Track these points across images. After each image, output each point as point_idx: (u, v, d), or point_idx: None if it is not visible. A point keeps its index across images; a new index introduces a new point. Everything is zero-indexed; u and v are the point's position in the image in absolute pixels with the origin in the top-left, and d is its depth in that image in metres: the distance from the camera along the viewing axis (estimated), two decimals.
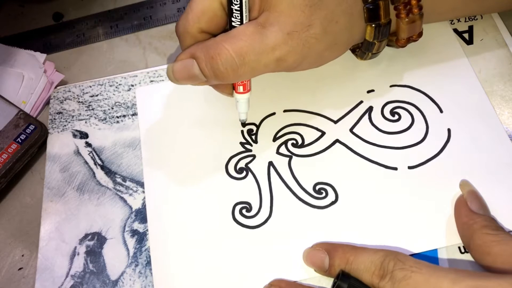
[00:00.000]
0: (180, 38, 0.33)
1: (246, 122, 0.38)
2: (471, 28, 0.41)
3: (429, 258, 0.32)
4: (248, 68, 0.31)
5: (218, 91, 0.36)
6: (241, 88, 0.35)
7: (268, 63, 0.31)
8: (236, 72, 0.31)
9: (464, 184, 0.33)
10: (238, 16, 0.31)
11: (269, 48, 0.30)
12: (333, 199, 0.35)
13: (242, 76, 0.31)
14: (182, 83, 0.33)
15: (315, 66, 0.35)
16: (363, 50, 0.36)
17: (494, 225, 0.30)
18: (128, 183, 0.38)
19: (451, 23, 0.41)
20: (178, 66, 0.32)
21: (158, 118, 0.40)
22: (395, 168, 0.35)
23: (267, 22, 0.30)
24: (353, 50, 0.38)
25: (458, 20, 0.41)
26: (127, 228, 0.36)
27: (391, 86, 0.39)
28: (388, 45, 0.37)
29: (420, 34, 0.36)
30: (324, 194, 0.35)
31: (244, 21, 0.31)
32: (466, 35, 0.40)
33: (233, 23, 0.31)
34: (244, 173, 0.37)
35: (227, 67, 0.30)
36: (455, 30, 0.41)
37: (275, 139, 0.38)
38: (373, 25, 0.33)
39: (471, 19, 0.41)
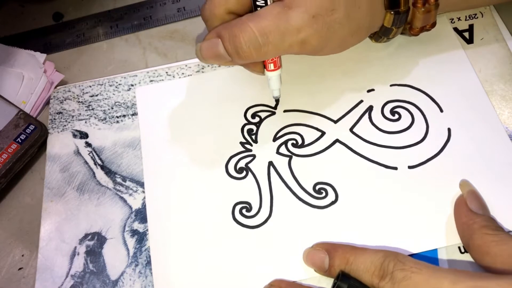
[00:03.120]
0: (207, 22, 0.34)
1: (279, 100, 0.38)
2: (471, 27, 0.41)
3: (429, 258, 0.32)
4: (271, 47, 0.31)
5: (249, 70, 0.36)
6: (271, 66, 0.34)
7: (293, 44, 0.31)
8: (259, 51, 0.31)
9: (464, 184, 0.33)
10: None
11: (294, 29, 0.31)
12: (333, 199, 0.35)
13: (265, 55, 0.32)
14: (209, 62, 0.33)
15: (338, 51, 0.35)
16: (379, 34, 0.37)
17: (494, 225, 0.29)
18: (128, 183, 0.38)
19: (451, 21, 0.41)
20: (205, 45, 0.32)
21: (158, 118, 0.40)
22: (395, 168, 0.35)
23: (293, 4, 0.31)
24: (370, 37, 0.39)
25: (459, 19, 0.41)
26: (127, 228, 0.36)
27: (391, 85, 0.39)
28: (401, 34, 0.37)
29: (433, 24, 0.36)
30: (324, 194, 0.35)
31: (269, 2, 0.32)
32: (466, 34, 0.40)
33: (257, 3, 0.32)
34: (244, 173, 0.37)
35: (250, 46, 0.31)
36: (456, 29, 0.41)
37: (275, 139, 0.38)
38: (392, 12, 0.34)
39: (471, 18, 0.41)
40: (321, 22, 0.31)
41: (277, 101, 0.39)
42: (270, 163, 0.37)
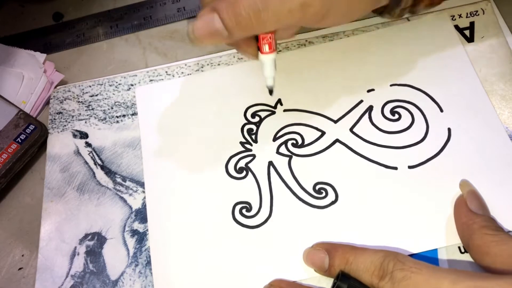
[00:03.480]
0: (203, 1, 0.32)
1: (273, 90, 0.36)
2: (472, 24, 0.40)
3: (429, 258, 0.32)
4: (271, 13, 0.29)
5: (242, 52, 0.34)
6: (266, 48, 0.32)
7: (292, 7, 0.29)
8: (258, 17, 0.29)
9: (464, 184, 0.33)
10: None
11: None
12: (333, 199, 0.35)
13: (265, 23, 0.30)
14: (203, 42, 0.31)
15: (344, 20, 0.33)
16: (391, 5, 0.35)
17: (494, 225, 0.29)
18: (128, 183, 0.38)
19: (452, 18, 0.41)
20: (198, 23, 0.30)
21: (158, 117, 0.40)
22: (395, 168, 0.35)
23: None
24: (380, 13, 0.37)
25: (460, 16, 0.41)
26: (127, 228, 0.36)
27: (391, 85, 0.39)
28: (412, 12, 0.36)
29: None
30: (324, 194, 0.35)
31: None
32: (467, 32, 0.40)
33: None
34: (244, 173, 0.37)
35: (250, 12, 0.29)
36: (456, 27, 0.40)
37: (275, 139, 0.38)
38: None
39: (472, 15, 0.41)
40: None
41: (271, 91, 0.36)
42: (270, 163, 0.37)
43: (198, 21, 0.30)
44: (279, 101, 0.39)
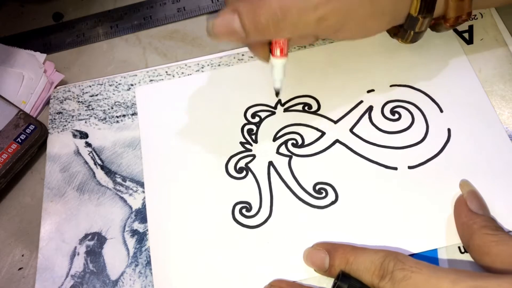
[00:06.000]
0: None
1: (279, 92, 0.36)
2: (471, 28, 0.41)
3: (429, 258, 0.32)
4: (289, 23, 0.31)
5: (254, 53, 0.35)
6: (278, 52, 0.33)
7: (309, 20, 0.31)
8: (277, 26, 0.31)
9: (464, 184, 0.33)
10: None
11: (312, 5, 0.30)
12: (333, 199, 0.35)
13: (282, 31, 0.31)
14: (220, 39, 0.32)
15: (358, 35, 0.34)
16: (405, 27, 0.35)
17: (494, 225, 0.29)
18: (128, 183, 0.38)
19: None
20: (219, 21, 0.32)
21: (158, 117, 0.40)
22: (395, 168, 0.35)
23: None
24: (395, 34, 0.38)
25: None
26: (127, 228, 0.36)
27: (391, 85, 0.39)
28: (436, 30, 0.37)
29: (469, 14, 0.34)
30: (324, 194, 0.35)
31: None
32: (466, 35, 0.40)
33: None
34: (244, 172, 0.37)
35: (269, 20, 0.30)
36: (455, 30, 0.41)
37: (275, 139, 0.38)
38: None
39: (471, 19, 0.41)
40: (340, 0, 0.30)
41: (277, 93, 0.37)
42: (270, 163, 0.37)
43: (219, 18, 0.32)
44: (279, 102, 0.39)
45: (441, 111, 0.37)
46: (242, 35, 0.31)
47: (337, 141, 0.37)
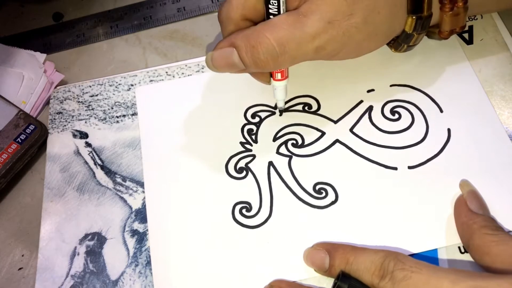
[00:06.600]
0: (222, 25, 0.33)
1: (283, 110, 0.39)
2: (471, 28, 0.41)
3: (429, 258, 0.32)
4: (288, 56, 0.31)
5: (256, 79, 0.36)
6: (279, 76, 0.35)
7: (307, 51, 0.31)
8: (276, 60, 0.31)
9: (464, 184, 0.33)
10: (275, 3, 0.31)
11: (309, 36, 0.30)
12: (333, 199, 0.35)
13: (281, 64, 0.32)
14: (220, 71, 0.33)
15: (353, 56, 0.35)
16: (399, 41, 0.36)
17: (494, 225, 0.29)
18: (128, 183, 0.38)
19: None
20: (217, 54, 0.32)
21: (158, 117, 0.40)
22: (395, 168, 0.35)
23: (308, 11, 0.30)
24: (388, 44, 0.38)
25: None
26: (127, 228, 0.36)
27: (391, 85, 0.39)
28: (430, 37, 0.37)
29: (462, 28, 0.35)
30: (324, 194, 0.35)
31: (281, 8, 0.31)
32: (466, 35, 0.40)
33: (270, 10, 0.31)
34: (244, 173, 0.37)
35: (268, 56, 0.31)
36: None
37: (275, 139, 0.38)
38: (414, 17, 0.33)
39: (471, 19, 0.41)
40: (337, 27, 0.31)
41: (281, 112, 0.39)
42: (270, 163, 0.37)
43: (217, 51, 0.32)
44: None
45: (441, 111, 0.37)
46: (241, 67, 0.32)
47: (337, 141, 0.37)
